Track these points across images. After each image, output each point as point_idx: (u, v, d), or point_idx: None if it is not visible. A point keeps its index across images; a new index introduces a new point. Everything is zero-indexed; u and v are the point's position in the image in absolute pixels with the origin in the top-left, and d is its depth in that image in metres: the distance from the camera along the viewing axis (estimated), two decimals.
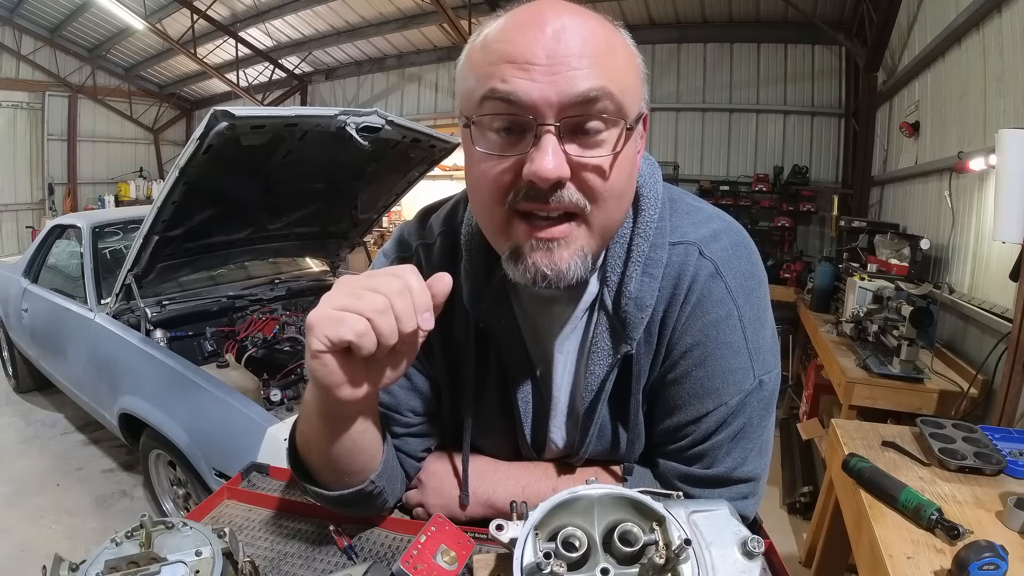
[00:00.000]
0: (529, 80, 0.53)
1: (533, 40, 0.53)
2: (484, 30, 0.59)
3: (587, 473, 0.73)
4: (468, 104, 0.58)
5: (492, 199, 0.58)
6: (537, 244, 0.58)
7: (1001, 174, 1.95)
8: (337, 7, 7.24)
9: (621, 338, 0.67)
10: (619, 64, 0.56)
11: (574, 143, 0.55)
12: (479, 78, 0.56)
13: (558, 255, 0.58)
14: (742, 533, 0.51)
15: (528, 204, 0.57)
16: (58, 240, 3.44)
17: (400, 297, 0.52)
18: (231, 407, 1.98)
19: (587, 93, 0.53)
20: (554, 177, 0.54)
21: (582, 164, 0.55)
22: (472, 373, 0.73)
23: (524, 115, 0.54)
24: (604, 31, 0.56)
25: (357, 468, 0.66)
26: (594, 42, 0.54)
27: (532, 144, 0.54)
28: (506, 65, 0.54)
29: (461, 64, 0.60)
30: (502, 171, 0.56)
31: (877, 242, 3.30)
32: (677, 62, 6.24)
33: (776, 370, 0.70)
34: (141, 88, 10.65)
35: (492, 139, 0.57)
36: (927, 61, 3.33)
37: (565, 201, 0.56)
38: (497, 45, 0.55)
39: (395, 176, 2.99)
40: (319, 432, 0.63)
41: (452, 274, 0.72)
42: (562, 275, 0.58)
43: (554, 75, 0.52)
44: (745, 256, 0.69)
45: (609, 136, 0.56)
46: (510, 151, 0.56)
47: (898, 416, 2.16)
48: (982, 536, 1.04)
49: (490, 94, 0.54)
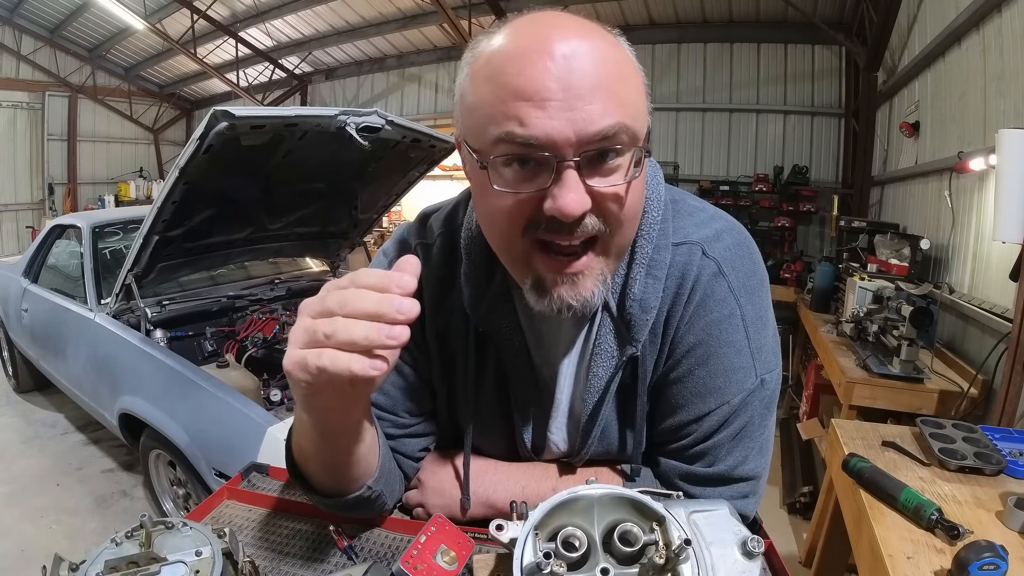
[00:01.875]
0: (547, 118, 0.51)
1: (544, 71, 0.51)
2: (486, 47, 0.56)
3: (587, 473, 0.73)
4: (478, 139, 0.56)
5: (511, 232, 0.58)
6: (563, 279, 0.58)
7: (1001, 174, 1.95)
8: (337, 7, 7.24)
9: (626, 340, 0.67)
10: (630, 90, 0.55)
11: (594, 174, 0.54)
12: (491, 116, 0.53)
13: (582, 286, 0.59)
14: (742, 533, 0.51)
15: (550, 235, 0.56)
16: (58, 240, 3.45)
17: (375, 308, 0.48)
18: (231, 407, 1.98)
19: (605, 132, 0.52)
20: (579, 213, 0.53)
21: (602, 194, 0.55)
22: (472, 376, 0.73)
23: (542, 152, 0.52)
24: (613, 53, 0.55)
25: (355, 475, 0.66)
26: (606, 69, 0.53)
27: (552, 180, 0.53)
28: (520, 104, 0.51)
29: (464, 86, 0.58)
30: (520, 205, 0.55)
31: (877, 242, 3.30)
32: (677, 62, 6.24)
33: (777, 369, 0.70)
34: (141, 88, 10.65)
35: (507, 175, 0.55)
36: (927, 61, 3.33)
37: (589, 230, 0.56)
38: (506, 79, 0.52)
39: (395, 176, 2.99)
40: (316, 446, 0.63)
41: (451, 276, 0.72)
42: (587, 303, 0.59)
43: (571, 111, 0.51)
44: (747, 256, 0.69)
45: (623, 162, 0.55)
46: (527, 187, 0.54)
47: (898, 416, 2.16)
48: (982, 536, 1.04)
49: (507, 137, 0.52)
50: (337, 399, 0.54)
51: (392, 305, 0.47)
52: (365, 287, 0.49)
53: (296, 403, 0.58)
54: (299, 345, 0.49)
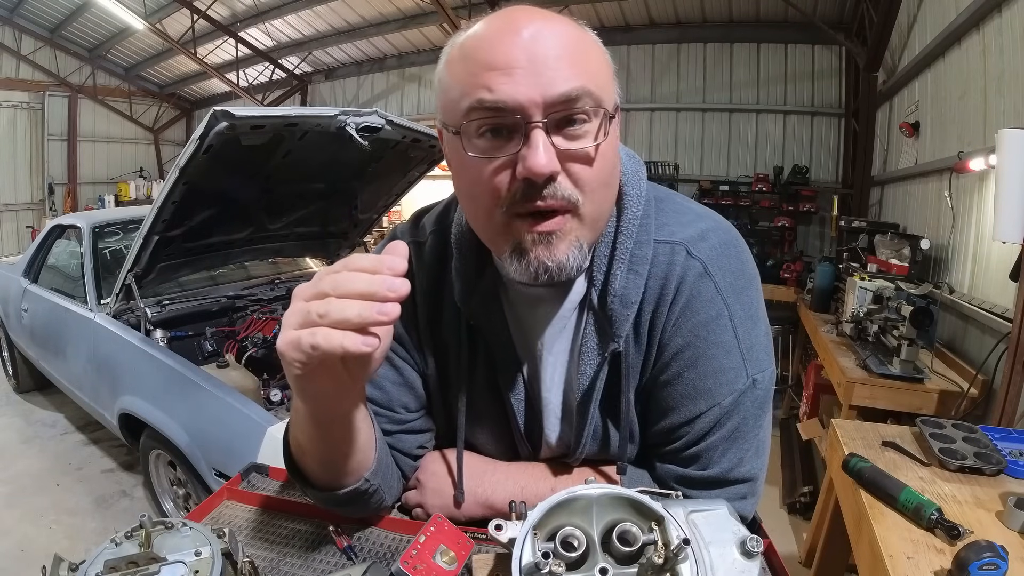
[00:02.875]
0: (514, 83, 0.55)
1: (512, 44, 0.55)
2: (458, 39, 0.61)
3: (585, 473, 0.73)
4: (453, 114, 0.59)
5: (490, 202, 0.60)
6: (538, 238, 0.59)
7: (1001, 174, 1.95)
8: (337, 7, 7.24)
9: (608, 336, 0.67)
10: (593, 64, 0.59)
11: (560, 136, 0.57)
12: (463, 89, 0.57)
13: (556, 247, 0.60)
14: (741, 533, 0.51)
15: (525, 206, 0.58)
16: (58, 240, 3.45)
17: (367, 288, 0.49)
18: (231, 407, 1.98)
19: (569, 93, 0.55)
20: (548, 171, 0.55)
21: (570, 155, 0.57)
22: (464, 371, 0.73)
23: (512, 117, 0.55)
24: (576, 33, 0.59)
25: (352, 468, 0.66)
26: (569, 44, 0.57)
27: (522, 143, 0.56)
28: (489, 73, 0.55)
29: (441, 73, 0.62)
30: (495, 172, 0.58)
31: (877, 242, 3.30)
32: (677, 62, 6.24)
33: (770, 368, 0.69)
34: (141, 88, 10.64)
35: (480, 144, 0.58)
36: (927, 61, 3.33)
37: (559, 195, 0.58)
38: (478, 54, 0.57)
39: (395, 176, 2.99)
40: (312, 437, 0.63)
41: (443, 272, 0.73)
42: (563, 266, 0.60)
43: (537, 76, 0.55)
44: (734, 255, 0.68)
45: (591, 128, 0.58)
46: (501, 153, 0.57)
47: (898, 416, 2.16)
48: (982, 536, 1.04)
49: (478, 104, 0.56)
50: (331, 383, 0.55)
51: (384, 284, 0.49)
52: (357, 270, 0.50)
53: (292, 392, 0.59)
54: (293, 326, 0.51)
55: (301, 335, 0.49)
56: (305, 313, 0.50)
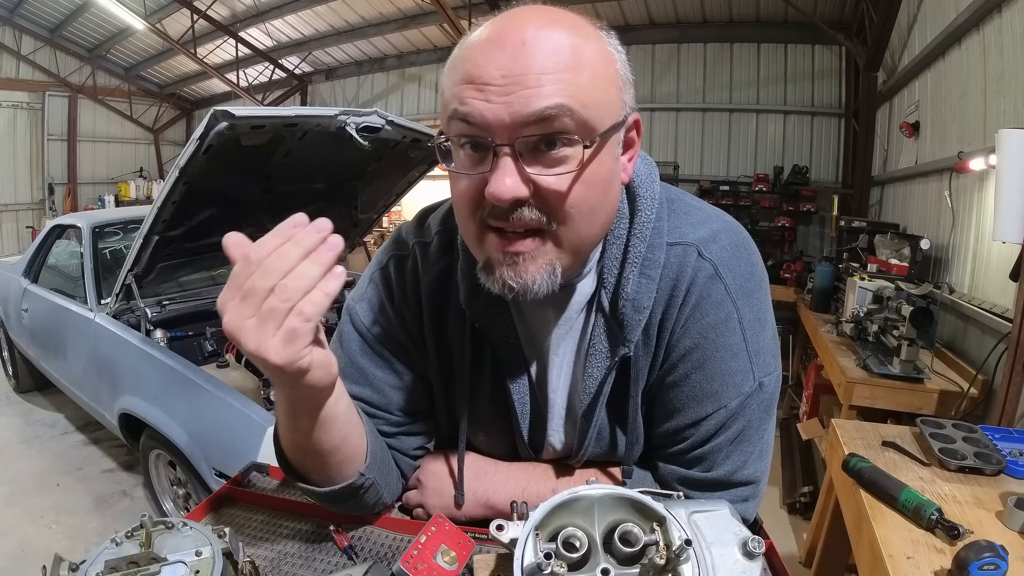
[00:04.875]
0: (484, 101, 0.53)
1: (492, 60, 0.53)
2: (462, 40, 0.59)
3: (587, 474, 0.73)
4: (443, 119, 0.59)
5: (466, 213, 0.60)
6: (504, 258, 0.58)
7: (1001, 174, 1.95)
8: (337, 7, 7.24)
9: (619, 340, 0.67)
10: (584, 78, 0.54)
11: (536, 162, 0.55)
12: (447, 97, 0.57)
13: (523, 268, 0.58)
14: (743, 533, 0.51)
15: (495, 221, 0.58)
16: (58, 240, 3.44)
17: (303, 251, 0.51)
18: (231, 407, 1.98)
19: (542, 112, 0.52)
20: (508, 198, 0.54)
21: (540, 183, 0.55)
22: (467, 373, 0.73)
23: (483, 136, 0.54)
24: (570, 43, 0.54)
25: (344, 458, 0.65)
26: (556, 57, 0.53)
27: (492, 165, 0.54)
28: (465, 86, 0.54)
29: (444, 73, 0.61)
30: (470, 187, 0.58)
31: (877, 242, 3.30)
32: (677, 62, 6.24)
33: (776, 372, 0.69)
34: (141, 88, 10.65)
35: (461, 157, 0.58)
36: (927, 61, 3.33)
37: (525, 219, 0.56)
38: (464, 64, 0.56)
39: (395, 176, 2.99)
40: (297, 428, 0.61)
41: (448, 273, 0.73)
42: (527, 288, 0.58)
43: (508, 95, 0.52)
44: (745, 257, 0.68)
45: (574, 152, 0.54)
46: (475, 170, 0.56)
47: (898, 416, 2.16)
48: (982, 536, 1.04)
49: (454, 115, 0.56)
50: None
51: (309, 236, 0.50)
52: (270, 249, 0.50)
53: (273, 386, 0.59)
54: (270, 335, 0.49)
55: (286, 325, 0.49)
56: (269, 313, 0.49)
